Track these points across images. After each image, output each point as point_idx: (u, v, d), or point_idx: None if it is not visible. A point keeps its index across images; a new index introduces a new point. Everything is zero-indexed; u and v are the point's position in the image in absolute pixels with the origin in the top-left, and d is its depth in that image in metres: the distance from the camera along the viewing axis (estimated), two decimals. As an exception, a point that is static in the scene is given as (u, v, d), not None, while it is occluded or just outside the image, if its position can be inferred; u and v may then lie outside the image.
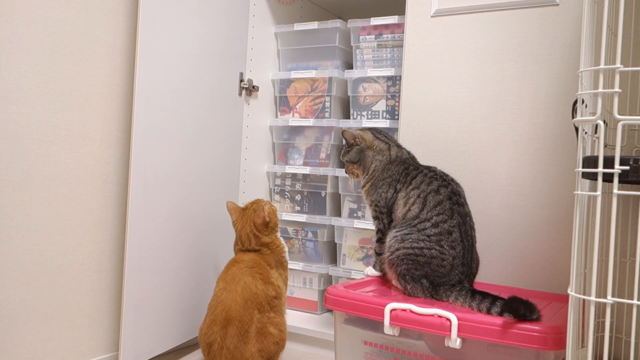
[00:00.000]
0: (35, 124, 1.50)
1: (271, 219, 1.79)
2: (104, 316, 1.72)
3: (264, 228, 1.78)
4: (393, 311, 1.33)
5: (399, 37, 2.05)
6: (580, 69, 1.01)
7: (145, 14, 1.66)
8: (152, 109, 1.71)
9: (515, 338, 1.20)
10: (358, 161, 1.68)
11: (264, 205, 1.79)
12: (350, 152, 1.70)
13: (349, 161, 1.70)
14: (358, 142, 1.69)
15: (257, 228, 1.78)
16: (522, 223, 1.66)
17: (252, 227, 1.78)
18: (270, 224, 1.79)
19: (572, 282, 0.98)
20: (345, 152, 1.72)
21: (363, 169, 1.69)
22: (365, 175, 1.68)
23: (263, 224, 1.78)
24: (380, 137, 1.70)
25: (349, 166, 1.72)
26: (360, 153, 1.68)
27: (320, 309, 2.18)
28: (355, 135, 1.69)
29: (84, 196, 1.64)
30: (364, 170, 1.68)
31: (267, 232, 1.79)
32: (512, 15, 1.69)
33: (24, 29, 1.46)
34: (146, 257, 1.71)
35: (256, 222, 1.77)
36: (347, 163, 1.72)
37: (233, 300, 1.62)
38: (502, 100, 1.70)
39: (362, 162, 1.68)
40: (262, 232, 1.78)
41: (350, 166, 1.71)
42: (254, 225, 1.78)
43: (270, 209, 1.80)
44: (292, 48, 2.32)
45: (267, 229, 1.79)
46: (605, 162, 0.91)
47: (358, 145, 1.69)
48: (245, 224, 1.79)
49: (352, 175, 1.73)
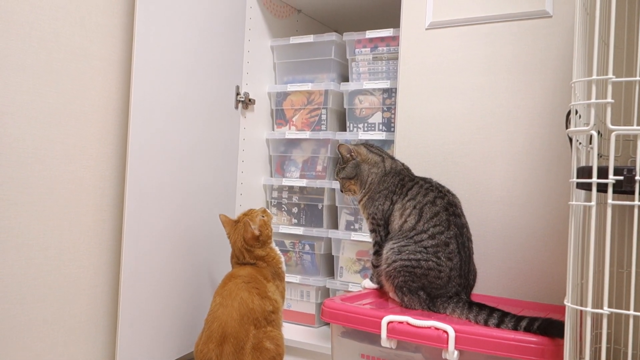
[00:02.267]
0: (30, 137, 1.50)
1: (262, 232, 1.75)
2: (100, 331, 1.70)
3: (254, 242, 1.75)
4: (390, 324, 1.32)
5: (394, 50, 2.06)
6: (573, 80, 1.02)
7: (141, 28, 1.67)
8: (148, 123, 1.71)
9: (512, 350, 1.19)
10: (355, 176, 1.67)
11: (254, 217, 1.76)
12: (346, 168, 1.69)
13: (345, 178, 1.69)
14: (354, 156, 1.68)
15: (247, 243, 1.75)
16: (518, 234, 1.65)
17: (242, 243, 1.75)
18: (261, 237, 1.75)
19: (569, 293, 0.97)
20: (341, 169, 1.70)
21: (360, 183, 1.67)
22: (362, 189, 1.67)
23: (253, 238, 1.74)
24: (374, 151, 1.71)
25: (345, 183, 1.70)
26: (357, 168, 1.67)
27: (317, 322, 2.17)
28: (351, 149, 1.68)
29: (80, 209, 1.63)
30: (361, 185, 1.67)
31: (259, 245, 1.76)
32: (506, 27, 1.70)
33: (19, 43, 1.46)
34: (142, 271, 1.70)
35: (246, 237, 1.75)
36: (344, 180, 1.70)
37: (229, 316, 1.61)
38: (497, 112, 1.70)
39: (359, 177, 1.67)
40: (253, 246, 1.75)
41: (347, 183, 1.70)
42: (244, 241, 1.75)
43: (261, 221, 1.76)
44: (288, 61, 2.33)
45: (258, 242, 1.76)
46: (599, 172, 0.91)
47: (354, 159, 1.68)
48: (237, 239, 1.77)
49: (349, 193, 1.71)
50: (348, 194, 1.72)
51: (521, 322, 1.25)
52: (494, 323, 1.28)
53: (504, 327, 1.26)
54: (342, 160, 1.71)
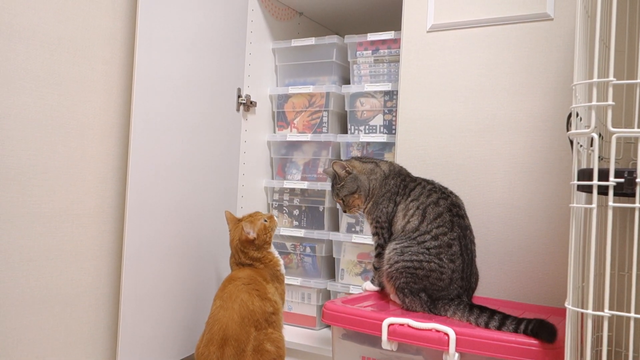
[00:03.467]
0: (32, 140, 1.50)
1: (259, 236, 1.73)
2: (101, 334, 1.70)
3: (249, 245, 1.74)
4: (391, 326, 1.32)
5: (395, 52, 2.06)
6: (574, 82, 1.02)
7: (142, 31, 1.67)
8: (150, 125, 1.71)
9: (513, 352, 1.19)
10: (357, 189, 1.63)
11: (256, 220, 1.75)
12: (346, 184, 1.64)
13: (348, 194, 1.64)
14: (349, 170, 1.64)
15: (242, 244, 1.75)
16: (519, 236, 1.65)
17: (237, 242, 1.75)
18: (256, 241, 1.74)
19: (569, 296, 0.97)
20: (340, 187, 1.65)
21: (364, 195, 1.63)
22: (366, 198, 1.64)
23: (247, 241, 1.74)
24: (365, 160, 1.69)
25: (349, 200, 1.65)
26: (356, 180, 1.63)
27: (318, 325, 2.17)
28: (344, 165, 1.64)
29: (81, 212, 1.63)
30: (365, 195, 1.63)
31: (254, 248, 1.75)
32: (507, 30, 1.70)
33: (22, 45, 1.47)
34: (143, 274, 1.70)
35: (241, 238, 1.74)
36: (348, 197, 1.64)
37: (230, 318, 1.61)
38: (498, 114, 1.70)
39: (361, 188, 1.63)
40: (248, 249, 1.75)
41: (351, 199, 1.64)
42: (239, 241, 1.75)
43: (262, 225, 1.75)
44: (289, 64, 2.34)
45: (252, 245, 1.75)
46: (600, 174, 0.91)
47: (350, 173, 1.64)
48: (234, 237, 1.77)
49: (353, 210, 1.65)
50: (353, 211, 1.66)
51: (522, 324, 1.24)
52: (495, 325, 1.28)
53: (505, 330, 1.26)
54: (337, 178, 1.66)
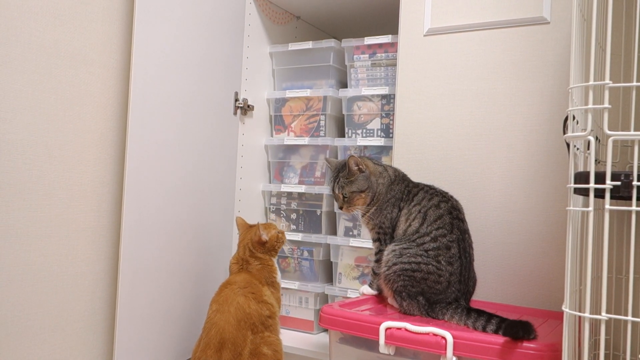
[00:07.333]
0: (29, 143, 1.50)
1: (269, 240, 1.80)
2: (97, 337, 1.69)
3: (259, 247, 1.80)
4: (388, 330, 1.32)
5: (392, 56, 2.06)
6: (571, 86, 1.02)
7: (139, 34, 1.67)
8: (147, 128, 1.71)
9: (511, 356, 1.18)
10: (367, 189, 1.59)
11: (271, 229, 1.82)
12: (356, 181, 1.59)
13: (356, 191, 1.59)
14: (362, 169, 1.61)
15: (252, 244, 1.80)
16: (517, 240, 1.65)
17: (248, 241, 1.82)
18: (267, 245, 1.80)
19: (567, 299, 0.97)
20: (348, 182, 1.60)
21: (371, 196, 1.60)
22: (371, 201, 1.60)
23: (259, 242, 1.79)
24: (375, 162, 1.67)
25: (354, 197, 1.59)
26: (368, 180, 1.59)
27: (316, 329, 2.16)
28: (358, 162, 1.60)
29: (78, 215, 1.63)
30: (372, 197, 1.60)
31: (262, 251, 1.80)
32: (504, 34, 1.70)
33: (20, 49, 1.47)
34: (140, 277, 1.70)
35: (253, 238, 1.80)
36: (354, 194, 1.59)
37: (226, 321, 1.61)
38: (495, 118, 1.70)
39: (371, 189, 1.59)
40: (256, 249, 1.80)
41: (357, 196, 1.59)
42: (250, 241, 1.81)
43: (275, 234, 1.82)
44: (286, 67, 2.34)
45: (262, 248, 1.80)
46: (597, 177, 0.91)
47: (362, 172, 1.61)
48: (246, 237, 1.83)
49: (352, 208, 1.61)
50: (351, 210, 1.62)
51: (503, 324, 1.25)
52: (492, 329, 1.28)
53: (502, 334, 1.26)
54: (348, 172, 1.61)
